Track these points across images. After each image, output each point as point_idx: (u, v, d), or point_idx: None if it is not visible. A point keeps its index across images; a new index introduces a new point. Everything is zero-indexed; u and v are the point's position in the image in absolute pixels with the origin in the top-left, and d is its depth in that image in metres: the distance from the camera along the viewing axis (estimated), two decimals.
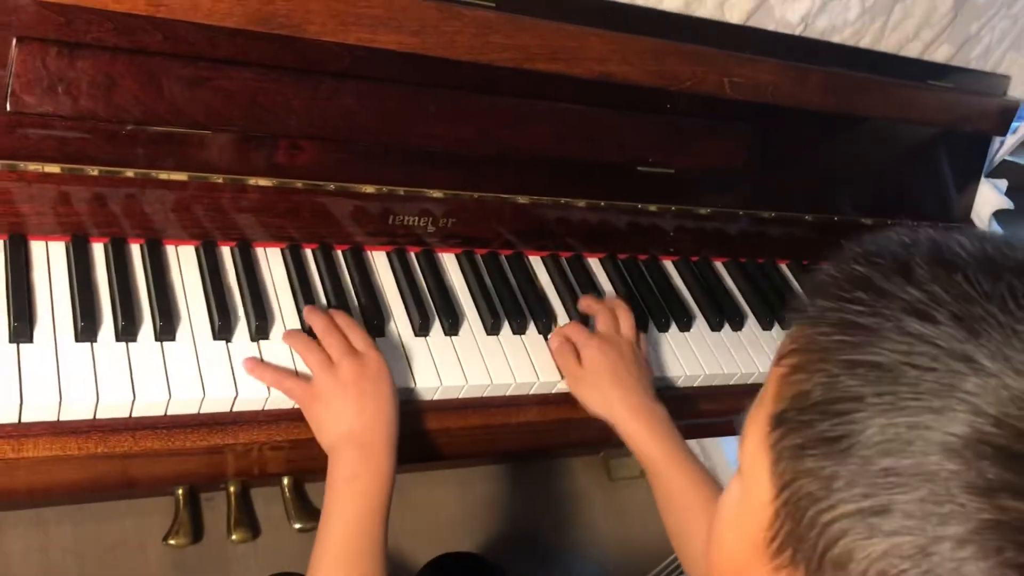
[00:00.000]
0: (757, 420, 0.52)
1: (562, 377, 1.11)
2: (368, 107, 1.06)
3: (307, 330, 1.01)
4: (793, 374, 0.49)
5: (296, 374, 0.97)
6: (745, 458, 0.54)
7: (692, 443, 1.61)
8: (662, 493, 1.01)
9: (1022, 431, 0.41)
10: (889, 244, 0.49)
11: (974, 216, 1.62)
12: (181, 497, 1.63)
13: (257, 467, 1.00)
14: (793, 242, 1.47)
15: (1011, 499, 0.41)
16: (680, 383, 1.22)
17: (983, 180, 1.61)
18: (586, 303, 1.18)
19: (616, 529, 2.04)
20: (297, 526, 1.63)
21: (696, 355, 1.25)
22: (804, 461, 0.47)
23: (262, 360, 0.98)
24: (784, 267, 1.47)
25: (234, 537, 1.62)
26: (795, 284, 1.45)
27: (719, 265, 1.41)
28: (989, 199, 1.60)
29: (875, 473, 0.44)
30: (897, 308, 0.45)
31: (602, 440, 1.12)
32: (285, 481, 1.67)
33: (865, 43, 1.39)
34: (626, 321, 1.14)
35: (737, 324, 1.31)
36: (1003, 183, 1.62)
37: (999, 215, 1.62)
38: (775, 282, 1.42)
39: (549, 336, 1.14)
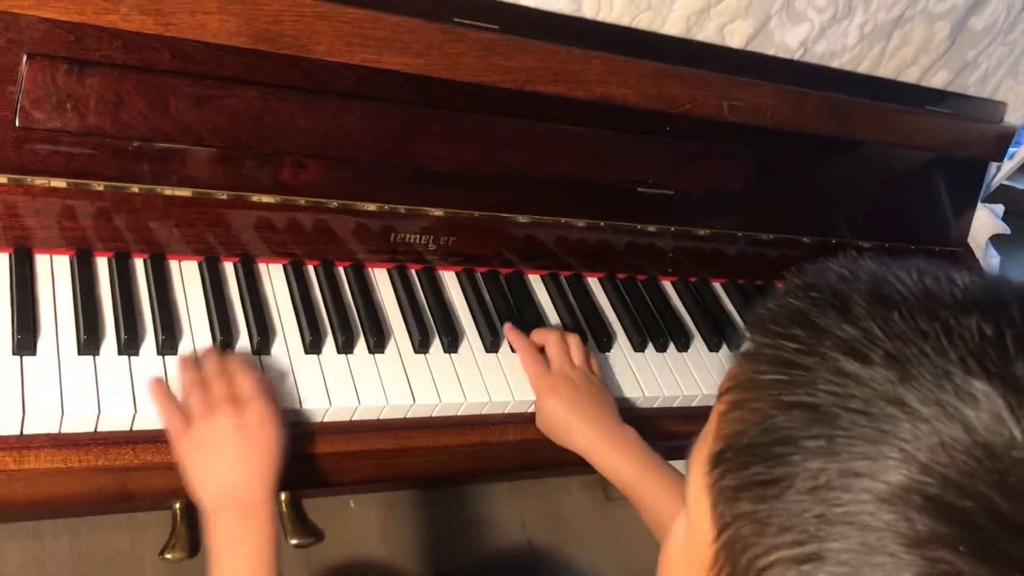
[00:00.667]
0: (700, 457, 0.51)
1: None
2: (372, 126, 1.07)
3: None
4: (731, 411, 0.48)
5: (182, 413, 0.90)
6: (689, 495, 0.53)
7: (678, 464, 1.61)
8: (650, 518, 1.00)
9: (951, 480, 0.40)
10: (828, 277, 0.48)
11: (971, 241, 1.63)
12: (178, 511, 1.63)
13: None
14: (791, 264, 1.47)
15: (940, 550, 0.40)
16: (677, 403, 1.23)
17: (980, 205, 1.62)
18: (535, 335, 1.15)
19: (614, 549, 2.04)
20: (293, 542, 1.63)
21: (694, 376, 1.25)
22: (739, 504, 0.46)
23: (166, 383, 0.94)
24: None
25: None
26: None
27: (717, 286, 1.42)
28: (986, 224, 1.61)
29: (808, 520, 0.43)
30: (832, 346, 0.45)
31: None
32: (282, 496, 1.67)
33: (864, 68, 1.40)
34: (575, 346, 1.12)
35: (735, 345, 1.32)
36: (1000, 208, 1.63)
37: (996, 240, 1.63)
38: None
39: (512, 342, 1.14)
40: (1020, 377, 0.41)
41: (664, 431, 1.21)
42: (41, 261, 0.99)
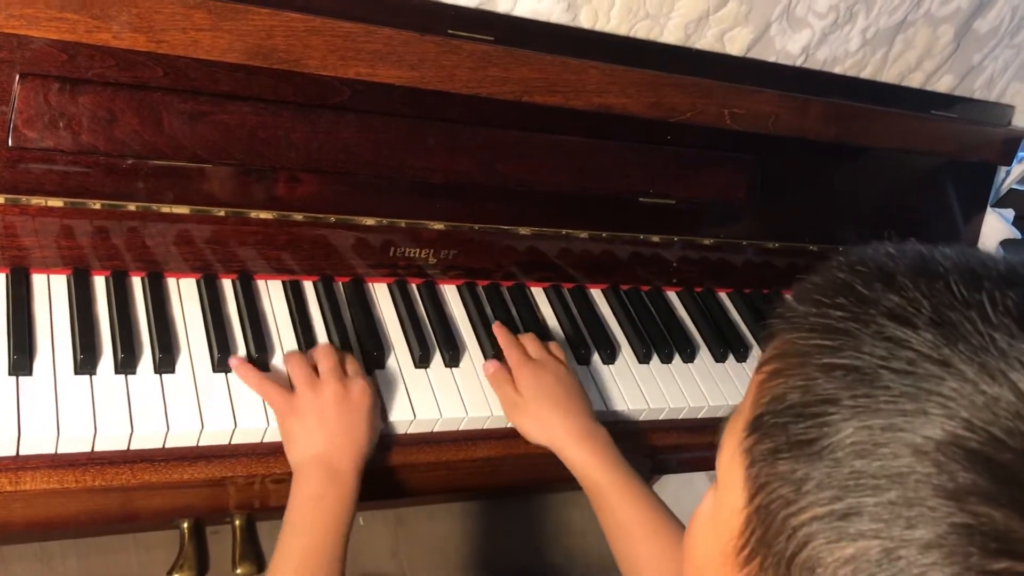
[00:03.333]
0: (734, 429, 0.52)
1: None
2: (367, 140, 1.07)
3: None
4: (771, 379, 0.49)
5: (281, 385, 0.97)
6: (721, 466, 0.53)
7: (695, 475, 1.60)
8: (609, 519, 0.98)
9: (995, 436, 0.41)
10: (874, 254, 0.49)
11: (980, 246, 1.61)
12: (186, 531, 1.63)
13: (259, 500, 1.00)
14: (798, 273, 1.45)
15: (981, 504, 0.40)
16: (683, 415, 1.21)
17: (989, 210, 1.60)
18: (522, 338, 1.14)
19: None
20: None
21: (700, 387, 1.24)
22: (777, 464, 0.46)
23: (245, 363, 0.99)
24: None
25: (239, 571, 1.61)
26: None
27: (723, 296, 1.41)
28: (996, 228, 1.59)
29: (846, 476, 0.43)
30: (877, 313, 0.45)
31: None
32: None
33: (867, 74, 1.39)
34: (555, 345, 1.12)
35: (741, 355, 1.31)
36: (1010, 213, 1.61)
37: (1006, 244, 1.61)
38: None
39: (485, 362, 1.11)
40: None
41: (669, 444, 1.20)
42: (38, 280, 0.99)
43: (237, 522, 1.65)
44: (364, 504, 1.83)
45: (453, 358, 1.11)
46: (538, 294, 1.26)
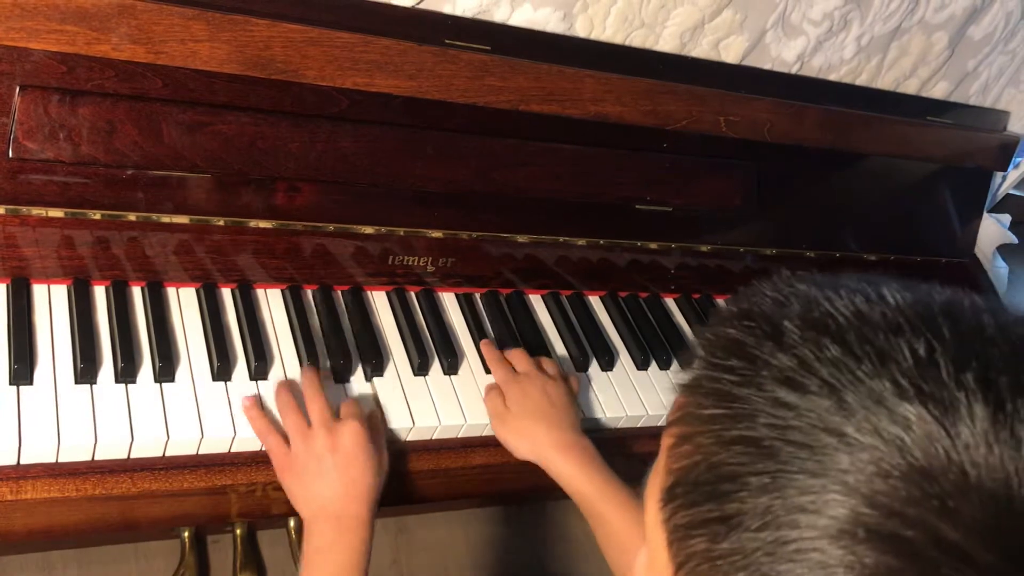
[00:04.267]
0: (653, 491, 0.51)
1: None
2: (365, 149, 1.08)
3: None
4: (678, 445, 0.48)
5: (281, 437, 0.95)
6: (648, 529, 0.52)
7: None
8: (601, 532, 0.98)
9: (893, 509, 0.40)
10: (762, 304, 0.48)
11: (978, 251, 1.62)
12: (187, 540, 1.63)
13: (260, 508, 1.00)
14: None
15: None
16: None
17: (986, 215, 1.61)
18: (509, 354, 1.14)
19: None
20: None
21: None
22: (693, 542, 0.46)
23: (262, 405, 0.98)
24: None
25: None
26: None
27: (721, 302, 1.41)
28: (992, 234, 1.60)
29: (760, 558, 0.42)
30: (769, 377, 0.44)
31: None
32: (291, 523, 1.67)
33: (862, 81, 1.40)
34: (545, 359, 1.13)
35: None
36: (1006, 218, 1.62)
37: (1003, 249, 1.62)
38: None
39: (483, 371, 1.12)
40: (953, 398, 0.41)
41: None
42: (39, 291, 0.99)
43: (238, 531, 1.65)
44: None
45: (452, 366, 1.11)
46: (536, 301, 1.27)
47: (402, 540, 1.86)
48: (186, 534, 1.63)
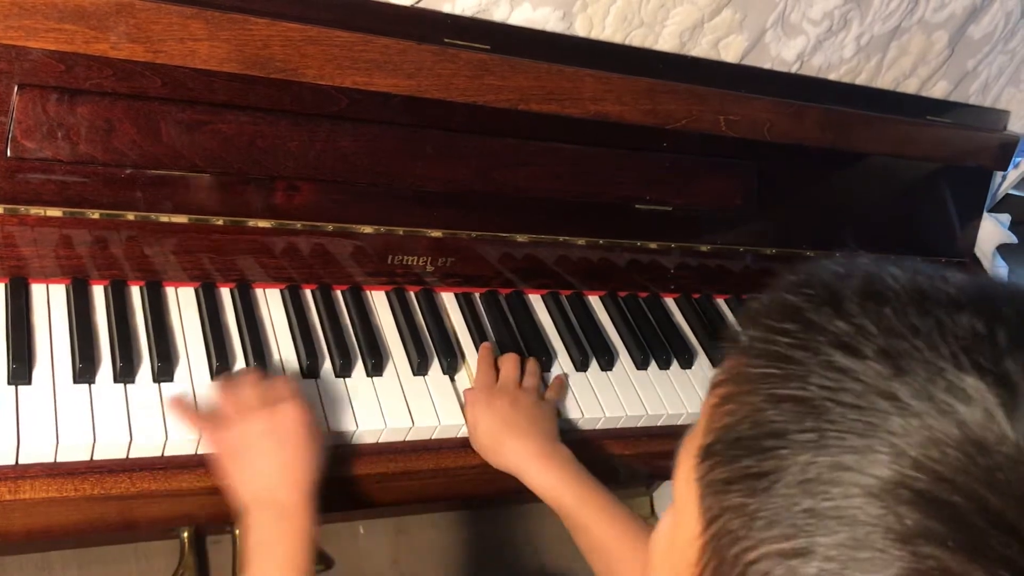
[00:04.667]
0: (688, 451, 0.51)
1: None
2: (365, 149, 1.07)
3: None
4: (722, 405, 0.48)
5: (216, 419, 0.92)
6: (677, 490, 0.52)
7: None
8: (583, 538, 0.96)
9: (942, 475, 0.40)
10: (822, 274, 0.48)
11: (977, 251, 1.62)
12: (186, 540, 1.63)
13: None
14: None
15: (929, 546, 0.39)
16: (682, 421, 1.21)
17: (986, 215, 1.61)
18: (499, 360, 1.14)
19: None
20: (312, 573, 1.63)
21: (698, 392, 1.24)
22: (729, 497, 0.45)
23: (182, 401, 0.95)
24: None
25: None
26: None
27: (721, 302, 1.41)
28: (992, 234, 1.60)
29: (796, 513, 0.42)
30: (825, 341, 0.44)
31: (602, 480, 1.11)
32: None
33: (862, 80, 1.40)
34: (530, 372, 1.12)
35: None
36: (1006, 218, 1.62)
37: (1003, 249, 1.62)
38: None
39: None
40: (1011, 373, 0.41)
41: (667, 450, 1.20)
42: (37, 290, 0.99)
43: (237, 531, 1.65)
44: (365, 513, 1.84)
45: (451, 365, 1.11)
46: (536, 301, 1.26)
47: (402, 540, 1.86)
48: (185, 534, 1.63)
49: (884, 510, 0.40)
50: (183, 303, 1.05)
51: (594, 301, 1.31)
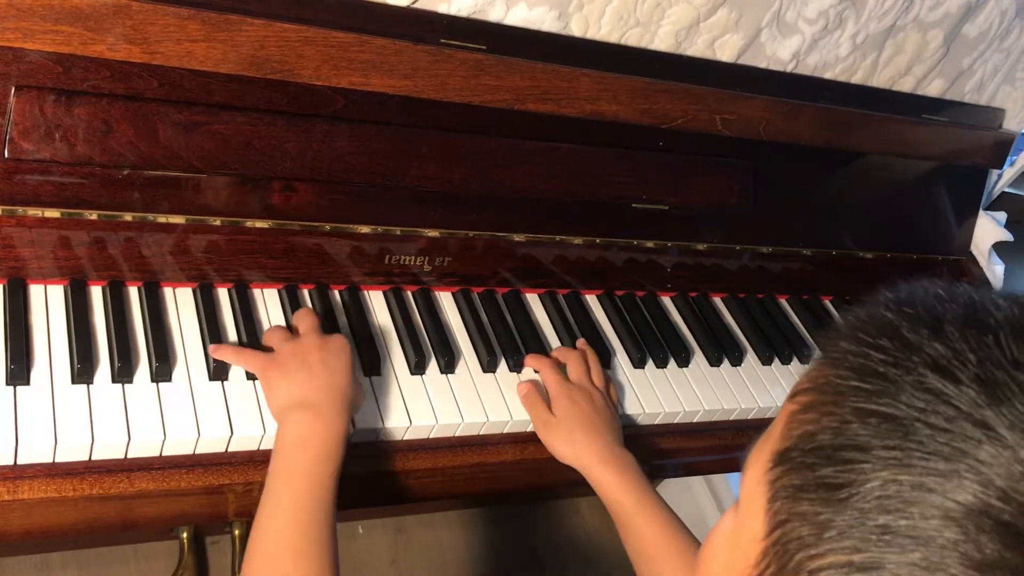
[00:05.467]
0: (761, 454, 0.51)
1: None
2: (361, 149, 1.08)
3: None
4: (803, 412, 0.48)
5: (256, 350, 1.00)
6: (744, 490, 0.52)
7: (692, 480, 1.59)
8: (633, 542, 1.00)
9: None
10: (923, 296, 0.48)
11: (974, 249, 1.62)
12: (186, 541, 1.63)
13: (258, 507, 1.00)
14: (792, 277, 1.47)
15: None
16: (679, 419, 1.22)
17: (982, 213, 1.61)
18: (557, 352, 1.18)
19: (625, 570, 2.02)
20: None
21: (695, 390, 1.25)
22: (800, 503, 0.45)
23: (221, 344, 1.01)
24: (784, 302, 1.47)
25: None
26: (794, 318, 1.45)
27: (717, 300, 1.42)
28: (989, 232, 1.60)
29: (870, 528, 0.42)
30: (920, 361, 0.44)
31: None
32: None
33: (857, 79, 1.40)
34: (596, 368, 1.15)
35: (736, 359, 1.31)
36: (1002, 216, 1.62)
37: (999, 247, 1.62)
38: (774, 317, 1.42)
39: (519, 383, 1.13)
40: None
41: (666, 448, 1.21)
42: (35, 291, 0.99)
43: (236, 532, 1.66)
44: (363, 513, 1.84)
45: (449, 364, 1.12)
46: (533, 300, 1.27)
47: (401, 540, 1.86)
48: (185, 535, 1.63)
49: (963, 536, 0.40)
50: (181, 303, 1.05)
51: (591, 300, 1.31)
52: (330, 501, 0.87)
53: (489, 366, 1.14)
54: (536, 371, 1.15)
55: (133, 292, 1.03)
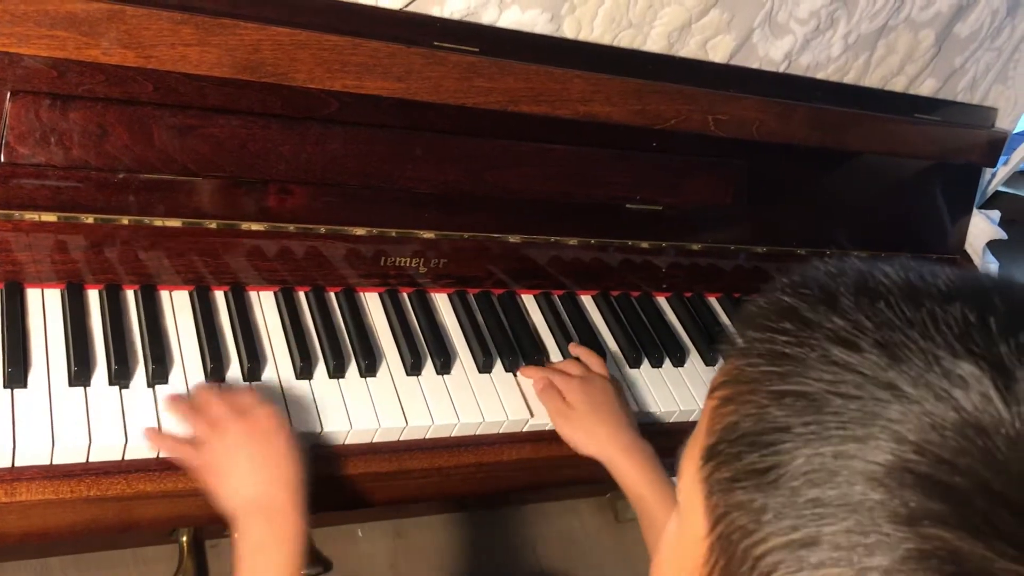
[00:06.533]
0: (692, 453, 0.52)
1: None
2: (356, 151, 1.08)
3: None
4: (723, 406, 0.49)
5: (187, 443, 0.92)
6: (682, 493, 0.53)
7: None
8: (652, 532, 1.01)
9: (943, 458, 0.41)
10: (816, 275, 0.50)
11: (968, 247, 1.63)
12: (185, 544, 1.63)
13: None
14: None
15: (934, 527, 0.40)
16: (675, 418, 1.22)
17: (976, 211, 1.62)
18: (555, 365, 1.17)
19: (624, 571, 2.02)
20: (302, 572, 1.63)
21: (690, 390, 1.25)
22: (735, 494, 0.46)
23: (160, 430, 0.94)
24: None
25: None
26: None
27: (713, 300, 1.42)
28: (982, 230, 1.61)
29: (803, 504, 0.43)
30: (822, 337, 0.46)
31: (595, 479, 1.11)
32: None
33: (850, 79, 1.41)
34: (596, 362, 1.16)
35: None
36: (996, 214, 1.63)
37: (993, 246, 1.62)
38: None
39: (533, 379, 1.14)
40: (1005, 357, 0.42)
41: (660, 447, 1.21)
42: (32, 295, 1.00)
43: (235, 535, 1.66)
44: (362, 515, 1.84)
45: (444, 365, 1.12)
46: (528, 301, 1.27)
47: (400, 544, 1.86)
48: (184, 539, 1.63)
49: (888, 494, 0.41)
50: (177, 307, 1.06)
51: (587, 301, 1.32)
52: None
53: (485, 367, 1.15)
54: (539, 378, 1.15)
55: (130, 295, 1.04)
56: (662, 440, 1.21)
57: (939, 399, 0.42)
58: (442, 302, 1.21)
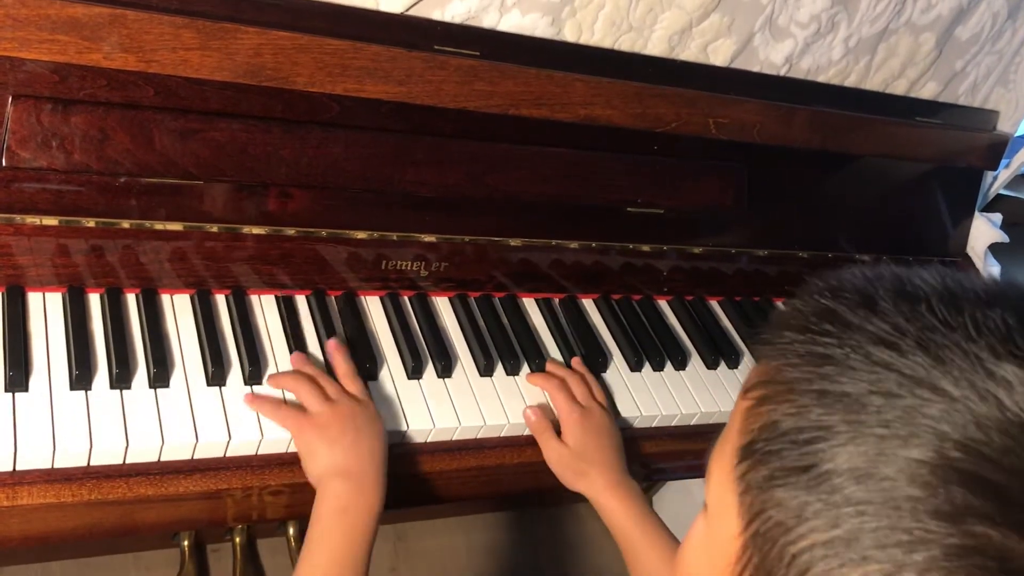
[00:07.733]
0: (723, 455, 0.52)
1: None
2: (357, 155, 1.08)
3: None
4: (760, 406, 0.50)
5: (291, 406, 0.99)
6: (711, 494, 0.54)
7: (692, 484, 1.60)
8: (637, 567, 1.02)
9: (986, 455, 0.41)
10: (852, 279, 0.51)
11: (970, 250, 1.62)
12: (186, 549, 1.63)
13: (257, 512, 1.01)
14: (788, 279, 1.48)
15: (977, 524, 0.41)
16: (675, 422, 1.22)
17: (977, 215, 1.62)
18: (557, 369, 1.17)
19: (625, 573, 2.02)
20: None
21: (692, 394, 1.25)
22: (773, 492, 0.47)
23: (258, 394, 1.00)
24: (780, 304, 1.48)
25: None
26: None
27: (714, 304, 1.42)
28: (984, 233, 1.61)
29: (843, 501, 0.44)
30: (863, 339, 0.46)
31: None
32: (291, 531, 1.67)
33: (851, 82, 1.41)
34: (596, 387, 1.16)
35: (733, 362, 1.32)
36: (998, 217, 1.63)
37: (995, 249, 1.62)
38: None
39: (524, 409, 1.12)
40: None
41: (663, 451, 1.21)
42: (33, 299, 1.00)
43: (238, 539, 1.66)
44: None
45: (445, 368, 1.12)
46: (530, 304, 1.27)
47: (401, 547, 1.86)
48: (185, 543, 1.63)
49: (929, 492, 0.42)
50: (179, 310, 1.06)
51: (588, 304, 1.32)
52: (364, 569, 0.90)
53: (486, 370, 1.15)
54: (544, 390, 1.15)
55: (131, 299, 1.04)
56: (664, 444, 1.21)
57: (983, 399, 0.43)
58: (443, 305, 1.21)
